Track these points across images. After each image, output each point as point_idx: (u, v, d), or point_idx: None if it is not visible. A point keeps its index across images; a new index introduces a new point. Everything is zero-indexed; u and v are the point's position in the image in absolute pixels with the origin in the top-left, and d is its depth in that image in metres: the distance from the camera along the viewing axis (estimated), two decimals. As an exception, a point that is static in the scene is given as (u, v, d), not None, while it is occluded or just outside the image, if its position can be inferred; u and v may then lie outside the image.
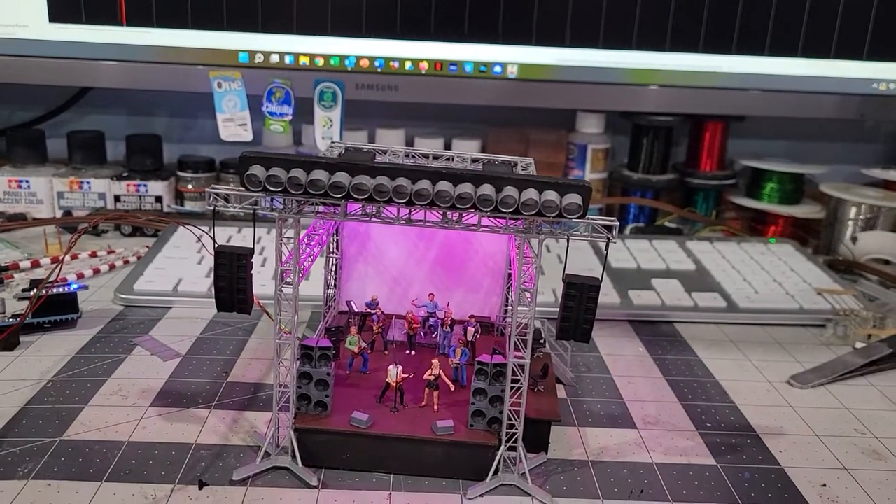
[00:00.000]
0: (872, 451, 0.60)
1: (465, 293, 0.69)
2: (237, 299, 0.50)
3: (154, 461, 0.54)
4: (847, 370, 0.71)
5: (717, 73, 1.02)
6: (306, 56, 1.00)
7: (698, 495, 0.53)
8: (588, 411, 0.64)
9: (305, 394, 0.54)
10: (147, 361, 0.68)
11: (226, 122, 0.96)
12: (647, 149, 1.13)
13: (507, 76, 1.01)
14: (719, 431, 0.62)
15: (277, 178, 0.47)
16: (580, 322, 0.50)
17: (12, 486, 0.50)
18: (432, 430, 0.54)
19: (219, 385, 0.64)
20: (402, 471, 0.54)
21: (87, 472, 0.52)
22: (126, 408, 0.60)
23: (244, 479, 0.52)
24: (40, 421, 0.57)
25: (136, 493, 0.50)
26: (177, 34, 0.98)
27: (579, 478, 0.55)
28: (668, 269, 0.92)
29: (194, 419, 0.59)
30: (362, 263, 0.69)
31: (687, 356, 0.75)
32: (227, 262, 0.50)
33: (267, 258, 0.89)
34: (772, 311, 0.83)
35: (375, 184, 0.47)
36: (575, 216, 0.47)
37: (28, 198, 1.05)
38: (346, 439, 0.53)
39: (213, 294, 0.51)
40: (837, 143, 1.23)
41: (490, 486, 0.53)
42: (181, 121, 1.20)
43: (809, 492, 0.54)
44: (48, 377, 0.64)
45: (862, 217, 1.02)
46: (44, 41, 0.97)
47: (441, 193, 0.47)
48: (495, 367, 0.53)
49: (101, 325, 0.74)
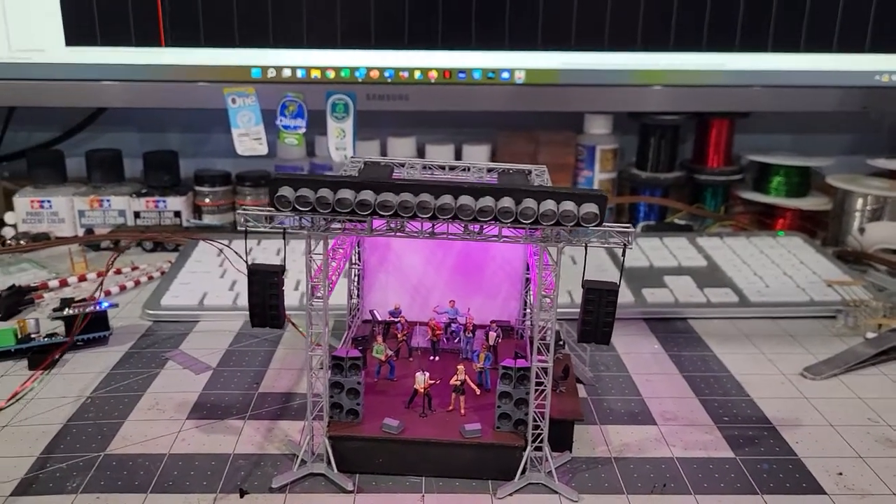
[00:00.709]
0: (886, 439, 0.62)
1: (484, 299, 0.71)
2: (270, 315, 0.53)
3: (195, 472, 0.56)
4: (858, 360, 0.73)
5: (720, 70, 1.04)
6: (317, 69, 1.02)
7: (719, 487, 0.55)
8: (609, 409, 0.66)
9: (337, 402, 0.56)
10: (180, 375, 0.70)
11: (241, 136, 0.98)
12: (654, 148, 1.15)
13: (514, 82, 1.03)
14: (737, 425, 0.64)
15: (306, 198, 0.49)
16: (600, 325, 0.52)
17: (63, 500, 0.53)
18: (461, 433, 0.56)
19: (251, 396, 0.66)
20: (433, 473, 0.56)
21: (132, 485, 0.54)
22: (164, 421, 0.62)
23: (283, 487, 0.54)
24: (83, 437, 0.60)
25: (182, 503, 0.53)
26: (190, 52, 1.00)
27: (603, 474, 0.57)
28: (680, 266, 0.94)
29: (230, 430, 0.61)
30: (383, 273, 0.71)
31: (702, 351, 0.77)
32: (260, 279, 0.52)
33: (287, 270, 0.90)
34: (783, 305, 0.85)
35: (400, 200, 0.49)
36: (592, 224, 0.49)
37: (50, 217, 1.08)
38: (378, 445, 0.55)
39: (248, 310, 0.53)
40: (842, 135, 1.24)
41: (518, 486, 0.55)
42: (195, 136, 1.23)
43: (826, 480, 0.56)
44: (86, 394, 0.66)
45: (869, 208, 1.04)
46: (61, 64, 1.00)
47: (463, 207, 0.49)
48: (519, 371, 0.55)
49: (132, 341, 0.76)
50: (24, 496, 0.53)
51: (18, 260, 0.98)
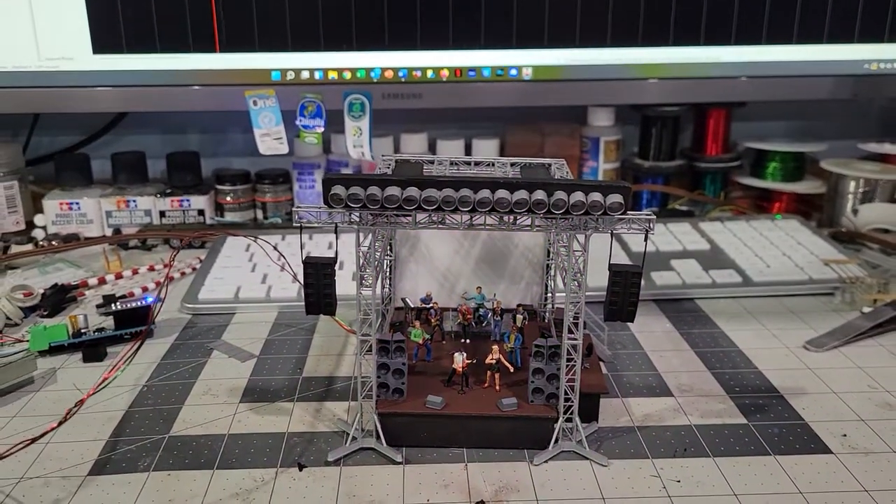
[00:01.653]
0: (885, 403, 0.67)
1: (508, 284, 0.76)
2: (324, 303, 0.58)
3: (255, 449, 0.61)
4: (857, 333, 0.79)
5: (718, 63, 1.09)
6: (334, 71, 1.07)
7: (734, 450, 0.61)
8: (629, 384, 0.71)
9: (384, 382, 0.61)
10: (226, 363, 0.75)
11: (263, 136, 1.02)
12: (655, 138, 1.21)
13: (522, 78, 1.08)
14: (747, 394, 0.69)
15: (357, 195, 0.54)
16: (625, 305, 0.57)
17: (137, 478, 0.57)
18: (498, 407, 0.61)
19: (296, 380, 0.71)
20: (473, 444, 0.61)
21: (199, 462, 0.59)
22: (219, 405, 0.67)
23: (337, 460, 0.59)
24: (146, 421, 0.65)
25: (246, 477, 0.57)
26: (212, 58, 1.05)
27: (628, 442, 0.62)
28: (685, 250, 1.00)
29: (281, 411, 0.66)
30: (413, 263, 0.76)
31: (710, 329, 0.82)
32: (314, 271, 0.57)
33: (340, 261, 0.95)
34: (784, 283, 0.91)
35: (443, 196, 0.54)
36: (618, 213, 0.54)
37: (79, 218, 1.12)
38: (423, 420, 0.61)
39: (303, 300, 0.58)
40: (834, 121, 1.30)
41: (553, 453, 0.60)
42: (213, 136, 1.27)
43: (832, 441, 0.62)
44: (142, 382, 0.71)
45: (861, 190, 1.10)
46: (88, 72, 1.04)
47: (500, 201, 0.54)
48: (551, 349, 0.60)
49: (175, 334, 0.81)
50: (101, 475, 0.58)
51: (53, 260, 1.02)
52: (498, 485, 0.57)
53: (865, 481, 0.57)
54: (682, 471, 0.58)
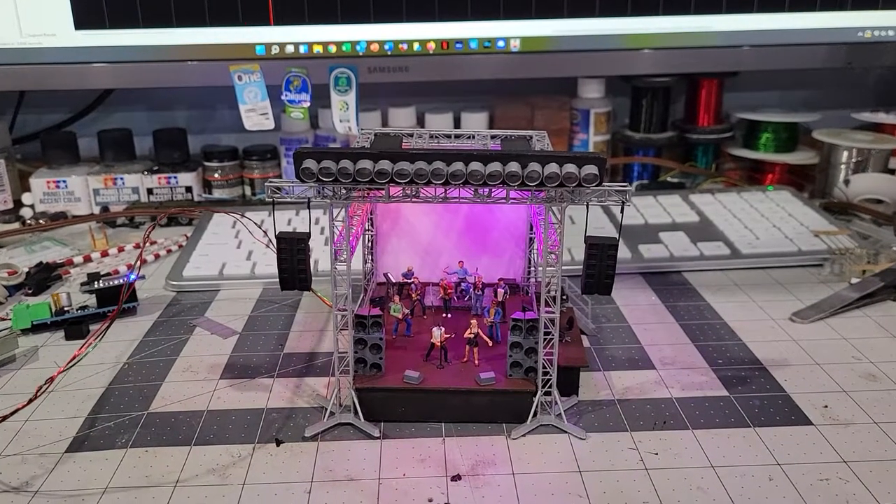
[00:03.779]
0: (869, 375, 0.67)
1: (491, 259, 0.76)
2: (298, 278, 0.57)
3: (233, 425, 0.61)
4: (844, 304, 0.78)
5: (709, 32, 1.07)
6: (319, 44, 1.05)
7: (714, 422, 0.60)
8: (611, 357, 0.71)
9: (361, 357, 0.61)
10: (208, 340, 0.74)
11: (248, 112, 1.02)
12: (646, 109, 1.19)
13: (510, 50, 1.07)
14: (730, 367, 0.69)
15: (329, 169, 0.53)
16: (602, 277, 0.56)
17: (114, 455, 0.57)
18: (476, 381, 0.61)
19: (277, 356, 0.71)
20: (451, 419, 0.61)
21: (176, 439, 0.59)
22: (199, 381, 0.67)
23: (315, 435, 0.59)
24: (126, 398, 0.65)
25: (223, 452, 0.57)
26: (195, 32, 1.03)
27: (608, 415, 0.62)
28: (674, 223, 0.99)
29: (261, 387, 0.66)
30: (395, 238, 0.76)
31: (696, 301, 0.81)
32: (288, 246, 0.57)
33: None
34: (772, 255, 0.90)
35: (415, 169, 0.53)
36: (593, 185, 0.53)
37: (66, 197, 1.12)
38: (401, 395, 0.60)
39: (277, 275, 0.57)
40: (828, 90, 1.28)
41: (531, 427, 0.60)
42: (201, 112, 1.26)
43: (813, 413, 0.61)
44: (123, 359, 0.71)
45: (854, 160, 1.08)
46: (71, 48, 1.03)
47: (473, 173, 0.53)
48: (528, 323, 0.60)
49: (159, 311, 0.81)
50: (79, 452, 0.58)
51: (40, 239, 1.02)
52: (475, 459, 0.57)
53: (844, 452, 0.57)
54: (660, 443, 0.58)
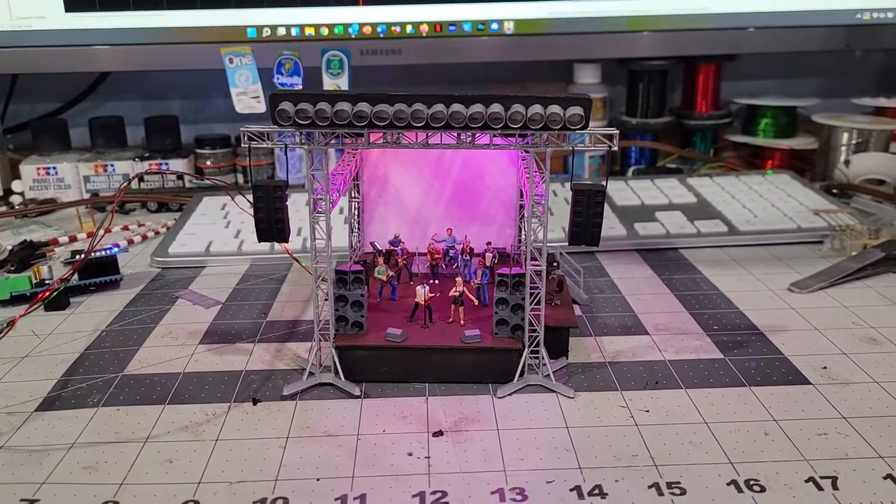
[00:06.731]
0: (869, 338, 0.65)
1: (481, 227, 0.74)
2: (276, 229, 0.55)
3: (209, 386, 0.59)
4: (843, 274, 0.76)
5: (706, 14, 1.06)
6: (311, 27, 1.05)
7: (708, 382, 0.58)
8: (603, 324, 0.68)
9: (343, 315, 0.59)
10: (190, 310, 0.73)
11: (239, 95, 1.01)
12: (643, 94, 1.18)
13: (504, 32, 1.06)
14: (726, 332, 0.66)
15: (306, 111, 0.52)
16: (589, 226, 0.54)
17: (85, 413, 0.55)
18: (461, 339, 0.58)
19: (259, 324, 0.69)
20: (435, 379, 0.58)
21: (150, 398, 0.57)
22: (177, 346, 0.65)
23: (293, 395, 0.57)
24: (101, 361, 0.63)
25: (198, 411, 0.55)
26: (187, 15, 1.03)
27: (598, 376, 0.60)
28: (671, 203, 0.97)
29: (241, 351, 0.64)
30: (382, 206, 0.74)
31: (692, 275, 0.79)
32: (264, 194, 0.55)
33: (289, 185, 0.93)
34: (771, 232, 0.88)
35: (395, 111, 0.52)
36: (578, 127, 0.52)
37: (56, 184, 1.10)
38: (382, 353, 0.58)
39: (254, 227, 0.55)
40: (827, 76, 1.27)
41: (517, 386, 0.57)
42: (194, 102, 1.25)
43: (812, 373, 0.59)
44: (102, 328, 0.69)
45: (854, 142, 1.07)
46: (61, 31, 1.02)
47: (455, 115, 0.52)
48: (515, 278, 0.58)
49: (142, 285, 0.79)
50: (48, 411, 0.56)
51: (28, 223, 1.00)
52: (458, 416, 0.54)
53: (843, 409, 0.54)
54: (651, 402, 0.56)
